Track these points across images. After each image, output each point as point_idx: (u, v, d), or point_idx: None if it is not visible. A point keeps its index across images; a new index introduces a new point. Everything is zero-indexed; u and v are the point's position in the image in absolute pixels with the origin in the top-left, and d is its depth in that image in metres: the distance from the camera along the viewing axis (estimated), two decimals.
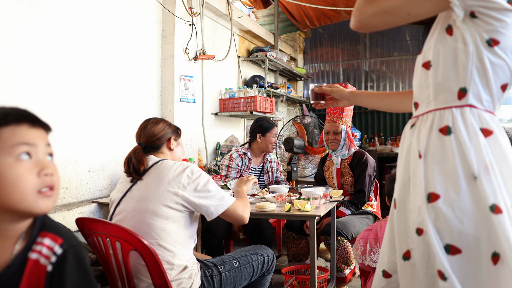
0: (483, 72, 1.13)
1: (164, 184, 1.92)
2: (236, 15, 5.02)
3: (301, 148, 3.98)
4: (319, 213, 2.38)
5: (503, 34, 1.10)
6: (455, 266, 1.13)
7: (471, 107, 1.15)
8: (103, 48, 3.10)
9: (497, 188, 1.09)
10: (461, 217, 1.12)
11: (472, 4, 1.07)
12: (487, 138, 1.13)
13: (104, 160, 3.11)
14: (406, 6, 1.13)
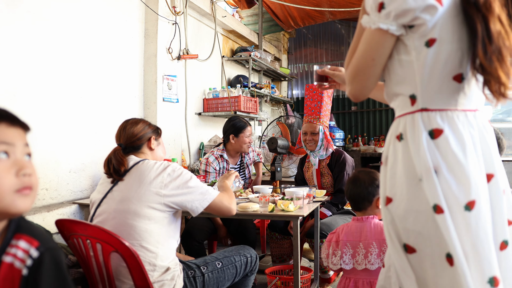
0: (429, 74, 1.19)
1: (145, 184, 1.90)
2: (220, 14, 5.00)
3: (285, 148, 3.97)
4: (302, 213, 2.38)
5: (437, 30, 1.16)
6: (414, 264, 1.21)
7: (422, 111, 1.21)
8: (84, 47, 3.06)
9: (439, 189, 1.14)
10: (410, 218, 1.19)
11: (406, 21, 1.16)
12: (438, 139, 1.18)
13: (85, 161, 3.07)
14: (368, 56, 1.22)
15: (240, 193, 2.94)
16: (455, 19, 1.17)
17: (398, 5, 1.13)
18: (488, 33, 1.15)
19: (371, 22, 1.21)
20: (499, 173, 1.21)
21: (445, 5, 1.15)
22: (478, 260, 1.13)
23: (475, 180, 1.15)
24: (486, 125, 1.24)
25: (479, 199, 1.15)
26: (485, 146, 1.21)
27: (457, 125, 1.19)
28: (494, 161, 1.21)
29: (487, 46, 1.14)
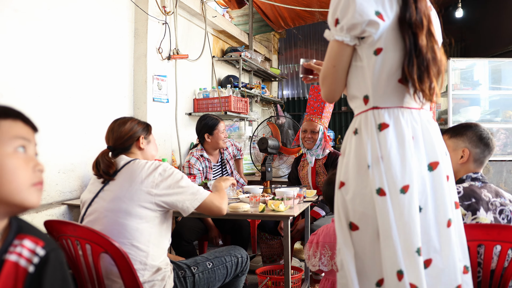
0: (378, 78, 1.39)
1: (136, 183, 1.89)
2: (210, 14, 4.99)
3: (276, 148, 3.98)
4: (293, 213, 2.38)
5: (382, 41, 1.37)
6: (356, 240, 1.40)
7: (373, 109, 1.41)
8: (73, 46, 3.03)
9: (384, 175, 1.34)
10: (357, 199, 1.40)
11: (357, 33, 1.37)
12: (384, 131, 1.38)
13: (74, 161, 3.04)
14: (330, 64, 1.44)
15: None
16: (398, 32, 1.37)
17: (348, 20, 1.35)
18: (415, 48, 1.36)
19: (330, 35, 1.42)
20: (442, 161, 1.41)
21: (388, 20, 1.35)
22: (408, 234, 1.31)
23: (410, 167, 1.35)
24: (430, 121, 1.45)
25: (412, 184, 1.34)
26: (428, 138, 1.41)
27: (401, 120, 1.38)
28: (437, 151, 1.41)
29: (413, 59, 1.36)
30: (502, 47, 6.10)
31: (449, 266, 1.36)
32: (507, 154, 5.27)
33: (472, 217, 1.71)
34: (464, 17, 5.88)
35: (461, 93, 5.22)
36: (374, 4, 1.34)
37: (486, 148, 1.89)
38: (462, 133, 1.91)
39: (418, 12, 1.38)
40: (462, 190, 1.77)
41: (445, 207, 1.38)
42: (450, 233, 1.38)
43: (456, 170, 1.89)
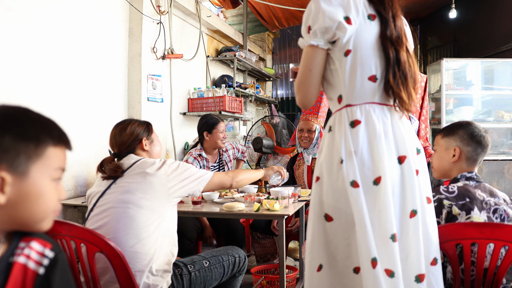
0: (349, 78, 1.48)
1: (150, 176, 1.93)
2: (204, 14, 4.99)
3: (270, 148, 3.99)
4: (287, 212, 2.39)
5: (351, 43, 1.46)
6: (330, 230, 1.50)
7: (347, 107, 1.51)
8: (67, 46, 3.02)
9: (357, 168, 1.43)
10: (331, 192, 1.49)
11: (329, 37, 1.46)
12: (356, 127, 1.47)
13: (68, 161, 3.02)
14: (306, 67, 1.51)
15: (225, 193, 2.94)
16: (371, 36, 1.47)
17: (319, 25, 1.44)
18: (397, 62, 1.47)
19: (304, 42, 1.51)
20: (411, 156, 1.48)
21: (356, 25, 1.45)
22: (384, 221, 1.39)
23: (382, 160, 1.42)
24: (402, 117, 1.54)
25: (384, 175, 1.42)
26: (398, 134, 1.49)
27: (372, 116, 1.47)
28: (407, 146, 1.48)
29: (396, 72, 1.47)
30: (494, 47, 6.15)
31: (412, 255, 1.43)
32: (499, 153, 5.32)
33: (466, 217, 1.71)
34: (457, 17, 5.92)
35: (454, 93, 5.26)
36: (342, 10, 1.44)
37: (479, 146, 1.87)
38: (454, 131, 1.91)
39: (396, 29, 1.50)
40: (456, 189, 1.77)
41: (412, 199, 1.46)
42: (412, 224, 1.45)
43: (449, 169, 1.91)
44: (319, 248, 1.51)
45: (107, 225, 1.89)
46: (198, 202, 2.68)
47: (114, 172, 1.99)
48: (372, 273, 1.37)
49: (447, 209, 1.72)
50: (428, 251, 1.48)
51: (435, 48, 7.86)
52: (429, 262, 1.48)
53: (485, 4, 6.43)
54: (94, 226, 1.93)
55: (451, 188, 1.78)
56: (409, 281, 1.42)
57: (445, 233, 1.65)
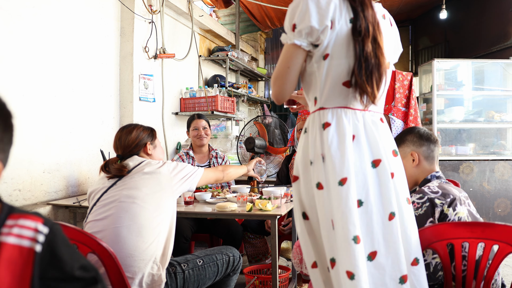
0: (324, 81, 1.51)
1: (156, 174, 2.03)
2: (197, 14, 4.98)
3: (262, 148, 3.98)
4: (280, 212, 2.39)
5: (330, 47, 1.47)
6: (309, 228, 1.56)
7: (320, 110, 1.53)
8: (58, 45, 3.00)
9: (323, 170, 1.46)
10: (304, 192, 1.55)
11: (313, 39, 1.47)
12: (326, 129, 1.49)
13: (60, 161, 3.01)
14: (284, 65, 1.52)
15: (218, 193, 2.94)
16: (348, 40, 1.47)
17: (306, 25, 1.44)
18: (362, 53, 1.47)
19: (287, 39, 1.51)
20: (386, 159, 1.50)
21: (337, 29, 1.46)
22: (346, 222, 1.40)
23: (349, 162, 1.44)
24: (376, 121, 1.55)
25: (350, 177, 1.43)
26: (372, 138, 1.51)
27: (343, 120, 1.49)
28: (381, 150, 1.50)
29: (362, 63, 1.47)
30: (485, 48, 6.20)
31: (392, 257, 1.45)
32: (490, 153, 5.36)
33: (454, 213, 1.75)
34: (448, 18, 5.96)
35: (445, 93, 5.29)
36: (328, 12, 1.45)
37: (431, 143, 2.00)
38: (404, 139, 2.04)
39: (365, 20, 1.50)
40: (438, 188, 1.82)
41: (389, 201, 1.48)
42: (392, 226, 1.47)
43: (415, 175, 2.01)
44: (310, 245, 1.55)
45: (111, 216, 1.94)
46: (190, 202, 2.68)
47: (120, 171, 2.05)
48: (332, 273, 1.44)
49: (440, 208, 1.75)
50: (409, 252, 1.50)
51: (427, 48, 7.91)
52: (410, 263, 1.50)
53: (476, 5, 6.48)
54: (97, 218, 1.97)
55: (432, 188, 1.83)
56: (394, 283, 1.44)
57: (436, 232, 1.66)
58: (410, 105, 3.41)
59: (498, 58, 5.76)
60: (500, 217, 5.13)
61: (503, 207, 5.16)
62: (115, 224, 1.91)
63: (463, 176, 5.11)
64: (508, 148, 5.44)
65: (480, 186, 5.13)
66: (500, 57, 5.77)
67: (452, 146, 5.31)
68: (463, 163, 5.12)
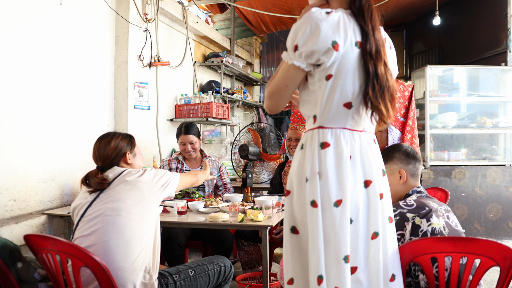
0: (326, 102, 1.54)
1: (138, 183, 2.06)
2: (191, 20, 5.01)
3: (256, 155, 4.02)
4: (271, 223, 2.43)
5: (334, 68, 1.50)
6: (297, 243, 1.58)
7: (319, 128, 1.57)
8: (53, 55, 3.03)
9: (318, 189, 1.50)
10: (297, 207, 1.58)
11: (313, 61, 1.50)
12: (325, 149, 1.53)
13: (54, 170, 3.05)
14: (283, 82, 1.57)
15: (211, 202, 2.98)
16: (354, 63, 1.50)
17: (307, 48, 1.48)
18: (376, 76, 1.52)
19: (288, 58, 1.54)
20: (376, 180, 1.57)
21: (342, 49, 1.48)
22: (338, 242, 1.47)
23: (345, 183, 1.50)
24: (370, 142, 1.61)
25: (345, 199, 1.49)
26: (366, 158, 1.56)
27: (341, 141, 1.53)
28: (373, 171, 1.57)
29: (375, 85, 1.52)
30: (478, 53, 6.25)
31: (370, 274, 1.53)
32: (481, 159, 5.42)
33: (427, 224, 1.86)
34: (442, 24, 6.01)
35: (438, 99, 5.34)
36: (332, 34, 1.47)
37: (416, 161, 2.11)
38: (391, 156, 2.12)
39: (376, 43, 1.54)
40: (414, 202, 1.93)
41: (375, 221, 1.55)
42: (374, 245, 1.54)
43: (400, 190, 2.10)
44: (291, 260, 1.59)
45: (98, 231, 1.96)
46: (183, 212, 2.71)
47: (100, 185, 2.06)
48: None
49: (411, 221, 1.87)
50: (387, 268, 1.57)
51: (421, 53, 7.96)
52: (388, 279, 1.57)
53: (469, 11, 6.53)
54: (84, 233, 1.98)
55: (409, 202, 1.94)
56: None
57: (421, 247, 1.71)
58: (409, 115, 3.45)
59: (491, 64, 5.82)
60: (491, 222, 5.20)
61: (495, 212, 5.22)
62: (103, 238, 1.93)
63: (455, 181, 5.17)
64: (500, 153, 5.50)
65: (472, 191, 5.19)
66: (493, 62, 5.82)
67: (444, 151, 5.36)
68: (456, 168, 5.18)
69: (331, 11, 1.51)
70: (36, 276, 2.03)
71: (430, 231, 1.85)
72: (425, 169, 5.16)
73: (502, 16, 5.67)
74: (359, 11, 1.55)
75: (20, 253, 1.99)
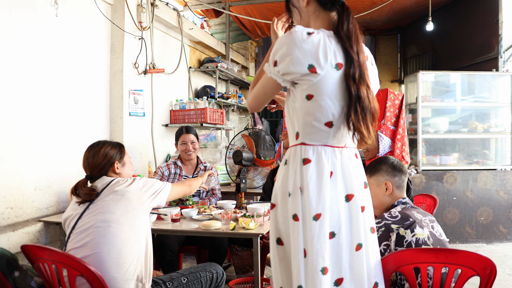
0: (307, 119, 1.60)
1: (126, 193, 2.08)
2: (186, 27, 5.07)
3: (250, 160, 4.08)
4: (262, 231, 2.49)
5: (315, 89, 1.55)
6: (282, 253, 1.65)
7: (301, 145, 1.63)
8: (49, 64, 3.09)
9: (300, 203, 1.56)
10: (281, 220, 1.64)
11: (289, 79, 1.57)
12: (307, 165, 1.59)
13: (51, 178, 3.10)
14: (261, 90, 1.68)
15: (204, 209, 3.03)
16: (334, 84, 1.56)
17: (283, 67, 1.54)
18: (358, 98, 1.57)
19: (268, 71, 1.61)
20: (358, 194, 1.63)
21: (322, 72, 1.52)
22: (316, 255, 1.53)
23: (324, 198, 1.56)
24: (351, 157, 1.67)
25: (324, 213, 1.55)
26: (347, 173, 1.62)
27: (323, 157, 1.59)
28: (354, 185, 1.63)
29: (357, 108, 1.57)
30: (470, 58, 6.33)
31: (356, 284, 1.60)
32: (473, 163, 5.49)
33: (411, 234, 1.92)
34: (435, 28, 6.08)
35: (430, 104, 5.42)
36: (309, 58, 1.52)
37: (402, 174, 2.18)
38: (378, 168, 2.19)
39: (360, 67, 1.60)
40: (398, 213, 2.00)
41: (358, 233, 1.61)
42: (358, 256, 1.61)
43: (386, 202, 2.17)
44: (279, 270, 1.66)
45: (90, 243, 1.99)
46: (177, 220, 2.77)
47: (89, 196, 2.08)
48: None
49: (396, 232, 1.93)
50: (369, 277, 1.63)
51: (415, 56, 8.04)
52: (371, 287, 1.64)
53: (461, 17, 6.61)
54: (76, 245, 2.01)
55: (393, 213, 2.01)
56: None
57: (404, 257, 1.77)
58: (399, 124, 3.52)
59: (483, 69, 5.90)
60: (482, 226, 5.27)
61: (486, 216, 5.29)
62: (95, 250, 1.97)
63: (447, 186, 5.24)
64: (491, 158, 5.58)
65: (464, 195, 5.26)
66: (485, 68, 5.90)
67: (436, 156, 5.44)
68: (447, 172, 5.25)
69: (312, 32, 1.55)
70: (33, 285, 2.08)
71: (414, 241, 1.92)
72: (417, 173, 5.23)
73: (493, 22, 5.75)
74: (347, 36, 1.60)
75: (17, 262, 2.05)
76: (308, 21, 1.72)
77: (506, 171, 5.34)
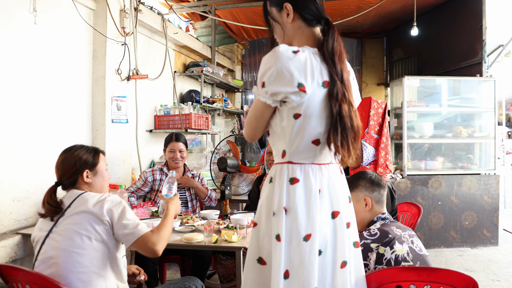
0: (294, 137, 1.58)
1: (88, 214, 1.90)
2: (171, 31, 5.01)
3: (235, 167, 4.05)
4: (244, 244, 2.46)
5: (302, 108, 1.54)
6: (263, 273, 1.63)
7: (288, 163, 1.62)
8: (29, 71, 3.02)
9: (283, 223, 1.54)
10: (265, 239, 1.63)
11: (278, 99, 1.55)
12: (294, 185, 1.58)
13: (30, 188, 3.03)
14: (253, 115, 1.65)
15: (187, 220, 2.99)
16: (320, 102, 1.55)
17: (272, 87, 1.52)
18: (340, 117, 1.57)
19: (256, 93, 1.60)
20: (343, 210, 1.64)
21: (310, 90, 1.52)
22: (307, 276, 1.51)
23: (314, 218, 1.55)
24: (337, 173, 1.68)
25: (314, 233, 1.54)
26: (333, 190, 1.63)
27: (310, 176, 1.59)
28: (340, 201, 1.63)
29: (338, 127, 1.56)
30: (455, 63, 6.37)
31: None
32: (457, 168, 5.53)
33: (391, 251, 1.93)
34: (420, 33, 6.11)
35: (416, 109, 5.44)
36: (298, 76, 1.51)
37: (381, 188, 2.18)
38: (356, 184, 2.19)
39: (343, 87, 1.59)
40: (377, 230, 2.01)
41: (343, 250, 1.61)
42: (342, 273, 1.60)
43: (366, 217, 2.17)
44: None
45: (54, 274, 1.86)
46: None
47: (55, 212, 1.96)
48: None
49: (375, 251, 1.93)
50: None
51: (401, 60, 8.07)
52: None
53: (445, 21, 6.65)
54: (44, 273, 1.87)
55: (372, 231, 2.01)
56: None
57: (386, 276, 1.76)
58: (383, 132, 3.53)
59: (467, 74, 5.94)
60: (467, 230, 5.31)
61: (470, 220, 5.33)
62: (60, 280, 1.84)
63: (431, 190, 5.27)
64: (475, 162, 5.63)
65: (448, 200, 5.29)
66: (469, 72, 5.94)
67: (421, 161, 5.46)
68: (432, 177, 5.28)
69: (298, 50, 1.53)
70: None
71: (393, 258, 1.92)
72: (403, 178, 5.25)
73: (477, 27, 5.79)
74: (330, 55, 1.59)
75: None
76: (293, 37, 1.71)
77: (490, 175, 5.38)
